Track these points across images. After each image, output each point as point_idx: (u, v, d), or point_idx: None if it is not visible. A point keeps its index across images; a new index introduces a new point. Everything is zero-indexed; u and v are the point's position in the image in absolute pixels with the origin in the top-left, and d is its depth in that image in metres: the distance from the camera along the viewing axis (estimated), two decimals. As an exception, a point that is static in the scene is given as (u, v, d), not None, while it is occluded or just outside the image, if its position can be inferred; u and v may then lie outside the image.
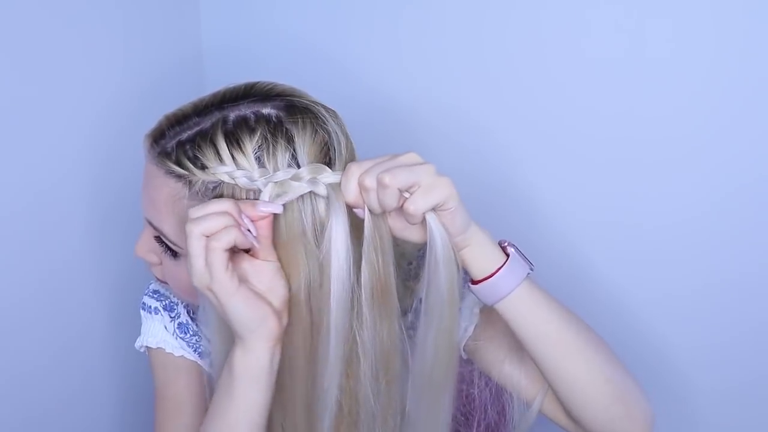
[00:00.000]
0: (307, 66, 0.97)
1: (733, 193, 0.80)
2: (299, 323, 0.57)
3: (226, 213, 0.53)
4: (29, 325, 0.82)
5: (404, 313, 0.61)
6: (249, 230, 0.54)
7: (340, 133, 0.57)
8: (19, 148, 0.77)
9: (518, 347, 0.64)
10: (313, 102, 0.58)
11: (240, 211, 0.54)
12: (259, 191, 0.55)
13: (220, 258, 0.52)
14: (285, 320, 0.57)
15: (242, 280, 0.55)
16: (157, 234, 0.61)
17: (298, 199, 0.55)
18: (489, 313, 0.65)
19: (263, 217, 0.54)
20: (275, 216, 0.55)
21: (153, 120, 0.60)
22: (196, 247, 0.52)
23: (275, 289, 0.57)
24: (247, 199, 0.55)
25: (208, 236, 0.52)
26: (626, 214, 0.85)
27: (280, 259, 0.56)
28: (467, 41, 0.87)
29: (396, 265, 0.59)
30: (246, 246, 0.54)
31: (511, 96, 0.86)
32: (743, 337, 0.84)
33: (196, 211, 0.53)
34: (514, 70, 0.85)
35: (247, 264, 0.56)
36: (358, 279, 0.55)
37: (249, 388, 0.57)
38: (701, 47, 0.76)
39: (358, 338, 0.57)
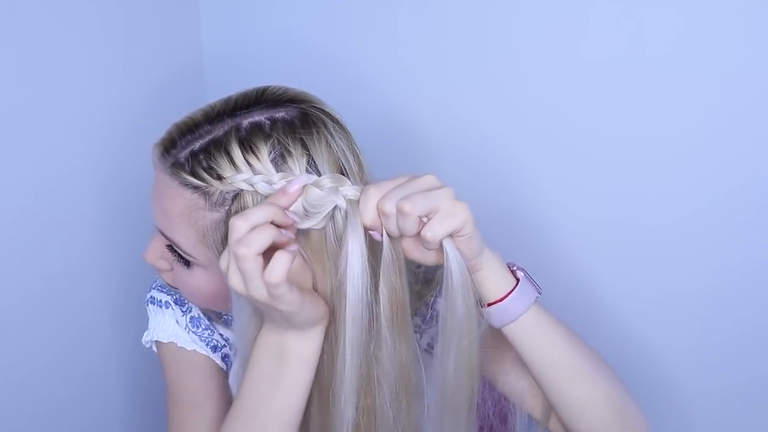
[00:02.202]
0: (307, 70, 0.97)
1: (733, 192, 0.80)
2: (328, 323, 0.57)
3: (269, 225, 0.51)
4: (33, 323, 0.82)
5: (411, 315, 0.61)
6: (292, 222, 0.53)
7: (348, 151, 0.57)
8: (23, 150, 0.77)
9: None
10: (325, 114, 0.58)
11: (283, 211, 0.52)
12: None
13: (285, 286, 0.51)
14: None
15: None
16: (169, 243, 0.60)
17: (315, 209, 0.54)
18: None
19: (296, 199, 0.53)
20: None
21: (156, 124, 0.59)
22: (254, 271, 0.50)
23: (307, 274, 0.57)
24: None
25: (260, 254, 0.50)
26: (626, 214, 0.86)
27: (314, 263, 0.56)
28: (467, 42, 0.87)
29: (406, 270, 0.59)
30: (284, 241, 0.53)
31: (512, 97, 0.87)
32: (743, 337, 0.85)
33: (238, 230, 0.50)
34: (515, 71, 0.86)
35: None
36: (375, 299, 0.55)
37: (304, 370, 0.57)
38: (702, 47, 0.77)
39: (376, 358, 0.57)
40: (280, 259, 0.50)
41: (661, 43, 0.78)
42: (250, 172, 0.54)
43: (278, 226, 0.52)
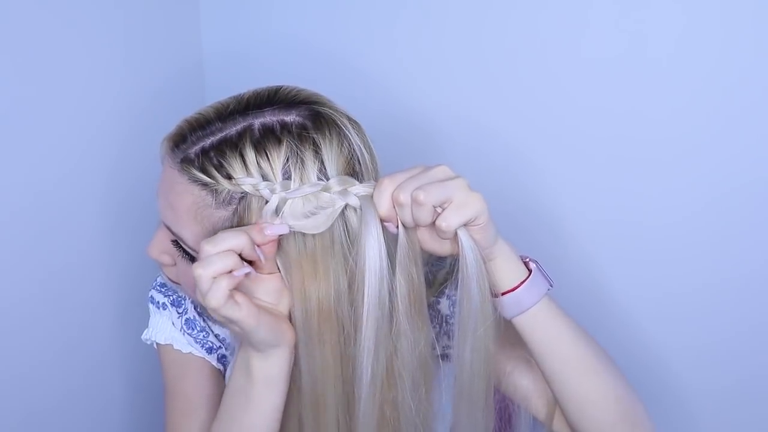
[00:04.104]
0: (307, 70, 0.97)
1: (734, 191, 0.80)
2: (328, 330, 0.57)
3: (231, 252, 0.53)
4: (34, 321, 0.83)
5: None
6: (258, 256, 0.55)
7: (363, 147, 0.57)
8: (23, 149, 0.77)
9: (526, 359, 0.65)
10: (338, 112, 0.58)
11: (252, 245, 0.54)
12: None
13: (229, 308, 0.53)
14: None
15: (250, 295, 0.56)
16: (174, 238, 0.60)
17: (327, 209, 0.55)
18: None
19: (272, 241, 0.54)
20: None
21: (156, 124, 0.59)
22: (208, 289, 0.53)
23: (283, 298, 0.57)
24: (255, 222, 0.55)
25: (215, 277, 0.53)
26: (626, 213, 0.86)
27: (306, 269, 0.56)
28: (468, 40, 0.87)
29: None
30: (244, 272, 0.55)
31: (513, 95, 0.87)
32: (744, 336, 0.85)
33: (204, 253, 0.53)
34: (516, 70, 0.86)
35: (254, 280, 0.56)
36: (393, 290, 0.55)
37: (269, 391, 0.58)
38: (703, 46, 0.77)
39: (396, 350, 0.57)
40: (218, 285, 0.52)
41: (663, 42, 0.78)
42: (259, 178, 0.54)
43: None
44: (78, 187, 0.85)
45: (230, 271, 0.53)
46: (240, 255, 0.54)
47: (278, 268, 0.57)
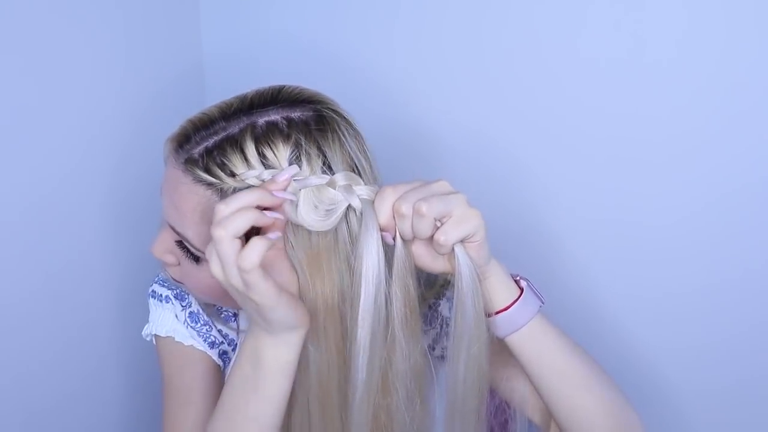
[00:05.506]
0: (307, 71, 0.97)
1: (734, 191, 0.80)
2: (332, 326, 0.57)
3: (249, 208, 0.51)
4: (35, 321, 0.83)
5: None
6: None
7: (359, 152, 0.57)
8: (25, 150, 0.78)
9: None
10: (339, 114, 0.58)
11: (270, 192, 0.52)
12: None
13: (258, 274, 0.50)
14: None
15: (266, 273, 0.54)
16: (178, 238, 0.60)
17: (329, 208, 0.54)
18: None
19: (284, 186, 0.54)
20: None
21: (157, 124, 0.59)
22: (228, 254, 0.50)
23: (293, 278, 0.57)
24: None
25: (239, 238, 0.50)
26: (626, 213, 0.86)
27: (311, 266, 0.56)
28: (467, 41, 0.87)
29: None
30: (267, 223, 0.53)
31: (513, 96, 0.87)
32: (743, 337, 0.84)
33: (219, 213, 0.50)
34: (515, 70, 0.86)
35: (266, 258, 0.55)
36: (388, 300, 0.55)
37: (279, 378, 0.57)
38: (704, 47, 0.77)
39: (390, 360, 0.57)
40: (254, 245, 0.50)
41: (663, 43, 0.78)
42: (262, 168, 0.54)
43: (267, 209, 0.52)
44: (79, 187, 0.85)
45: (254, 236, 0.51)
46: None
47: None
